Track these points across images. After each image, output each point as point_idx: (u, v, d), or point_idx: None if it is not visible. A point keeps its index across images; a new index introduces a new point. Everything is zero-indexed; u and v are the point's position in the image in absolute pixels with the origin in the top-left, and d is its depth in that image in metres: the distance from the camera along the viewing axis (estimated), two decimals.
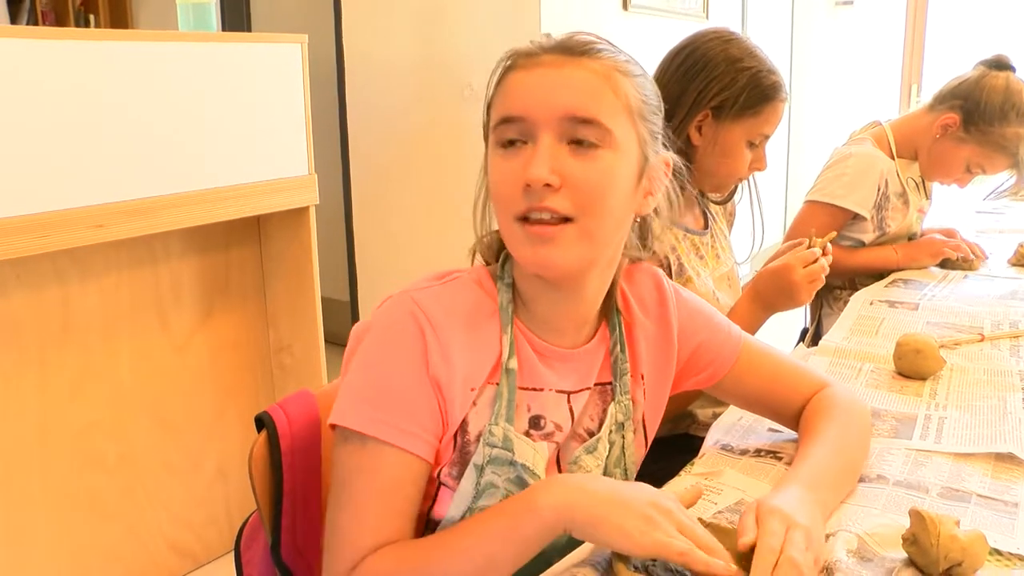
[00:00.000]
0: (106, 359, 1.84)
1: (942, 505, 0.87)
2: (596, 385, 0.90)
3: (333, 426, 0.79)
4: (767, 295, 1.34)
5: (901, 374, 1.26)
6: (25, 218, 1.52)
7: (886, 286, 1.79)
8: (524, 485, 0.82)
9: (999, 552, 0.78)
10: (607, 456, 0.90)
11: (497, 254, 0.89)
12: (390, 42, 3.08)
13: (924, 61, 4.41)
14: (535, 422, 0.85)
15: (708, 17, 3.77)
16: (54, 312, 1.74)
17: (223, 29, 3.37)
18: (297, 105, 1.99)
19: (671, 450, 1.30)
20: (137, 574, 1.93)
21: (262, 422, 0.89)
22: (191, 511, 2.04)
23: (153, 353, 1.93)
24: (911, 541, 0.75)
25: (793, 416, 1.00)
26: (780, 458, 0.98)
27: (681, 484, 0.92)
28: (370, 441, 0.77)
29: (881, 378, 1.25)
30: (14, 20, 3.89)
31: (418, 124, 3.07)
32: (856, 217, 1.88)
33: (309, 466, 0.90)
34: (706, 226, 1.47)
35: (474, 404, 0.81)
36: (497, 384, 0.82)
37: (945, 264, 1.91)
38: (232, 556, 0.97)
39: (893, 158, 1.91)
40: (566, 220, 0.78)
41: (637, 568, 0.72)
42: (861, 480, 0.92)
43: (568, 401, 0.88)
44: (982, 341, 1.40)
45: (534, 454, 0.83)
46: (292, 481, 0.88)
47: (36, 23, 4.00)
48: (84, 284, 1.78)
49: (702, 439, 1.08)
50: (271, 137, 1.95)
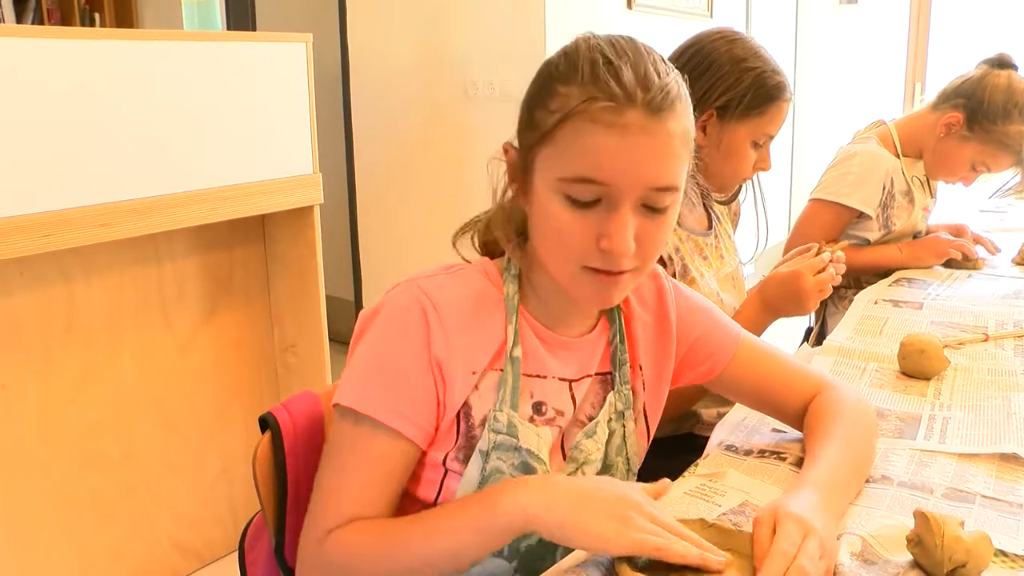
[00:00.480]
0: (110, 358, 1.84)
1: (947, 506, 0.87)
2: (597, 374, 0.92)
3: (335, 405, 0.82)
4: (775, 301, 1.35)
5: (905, 374, 1.25)
6: (29, 217, 1.52)
7: (890, 285, 1.79)
8: (529, 470, 0.84)
9: (1004, 553, 0.78)
10: (607, 443, 0.92)
11: (495, 250, 0.91)
12: (394, 41, 3.08)
13: (928, 60, 4.40)
14: (537, 408, 0.88)
15: (712, 16, 3.77)
16: (58, 311, 1.74)
17: (228, 28, 3.38)
18: (301, 104, 2.00)
19: (675, 450, 1.30)
20: (141, 573, 1.94)
21: (266, 423, 0.89)
22: (195, 510, 2.04)
23: (157, 352, 1.93)
24: (915, 542, 0.75)
25: (794, 415, 1.01)
26: (784, 459, 0.98)
27: (685, 485, 0.93)
28: (364, 419, 0.80)
29: (885, 378, 1.25)
30: (20, 19, 3.90)
31: (422, 123, 3.07)
32: (861, 216, 1.88)
33: (313, 466, 0.91)
34: (710, 227, 1.46)
35: (476, 388, 0.84)
36: (501, 371, 0.85)
37: (950, 264, 1.91)
38: (236, 555, 0.97)
39: (898, 157, 1.91)
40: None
41: (640, 567, 0.72)
42: (866, 480, 0.92)
43: (570, 389, 0.90)
44: (986, 341, 1.40)
45: (538, 439, 0.85)
46: (296, 482, 0.89)
47: (42, 22, 4.01)
48: (88, 283, 1.79)
49: (706, 439, 1.09)
50: (275, 136, 1.95)
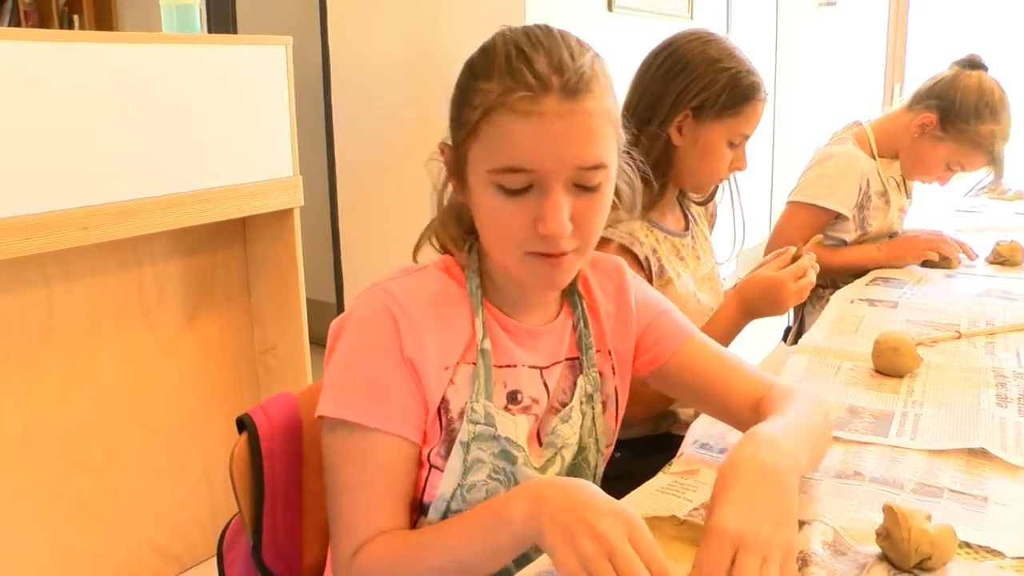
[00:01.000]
0: (91, 361, 1.84)
1: (915, 500, 0.88)
2: (566, 359, 0.94)
3: (321, 417, 0.82)
4: (754, 305, 1.37)
5: (879, 372, 1.27)
6: (9, 220, 1.51)
7: (866, 284, 1.81)
8: (509, 458, 0.86)
9: (968, 545, 0.79)
10: (580, 426, 0.94)
11: (460, 243, 0.91)
12: (375, 43, 3.08)
13: (906, 61, 4.45)
14: (512, 397, 0.89)
15: (693, 18, 3.79)
16: (39, 314, 1.73)
17: (209, 31, 3.36)
18: (282, 107, 2.00)
19: (652, 449, 1.32)
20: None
21: (243, 424, 0.90)
22: (176, 514, 2.04)
23: (138, 355, 1.93)
24: (884, 535, 0.77)
25: (739, 415, 0.97)
26: None
27: (658, 483, 0.94)
28: (356, 428, 0.80)
29: (859, 376, 1.26)
30: None
31: (403, 125, 3.07)
32: (838, 217, 1.90)
33: (290, 468, 0.92)
34: (687, 227, 1.48)
35: (452, 382, 0.85)
36: (473, 364, 0.86)
37: (926, 263, 1.93)
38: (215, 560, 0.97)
39: (874, 157, 1.93)
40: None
41: None
42: (839, 476, 0.93)
43: (542, 376, 0.91)
44: (959, 338, 1.42)
45: (515, 427, 0.87)
46: (273, 483, 0.90)
47: (18, 24, 3.98)
48: (69, 286, 1.78)
49: (683, 438, 1.10)
50: (256, 139, 1.95)
